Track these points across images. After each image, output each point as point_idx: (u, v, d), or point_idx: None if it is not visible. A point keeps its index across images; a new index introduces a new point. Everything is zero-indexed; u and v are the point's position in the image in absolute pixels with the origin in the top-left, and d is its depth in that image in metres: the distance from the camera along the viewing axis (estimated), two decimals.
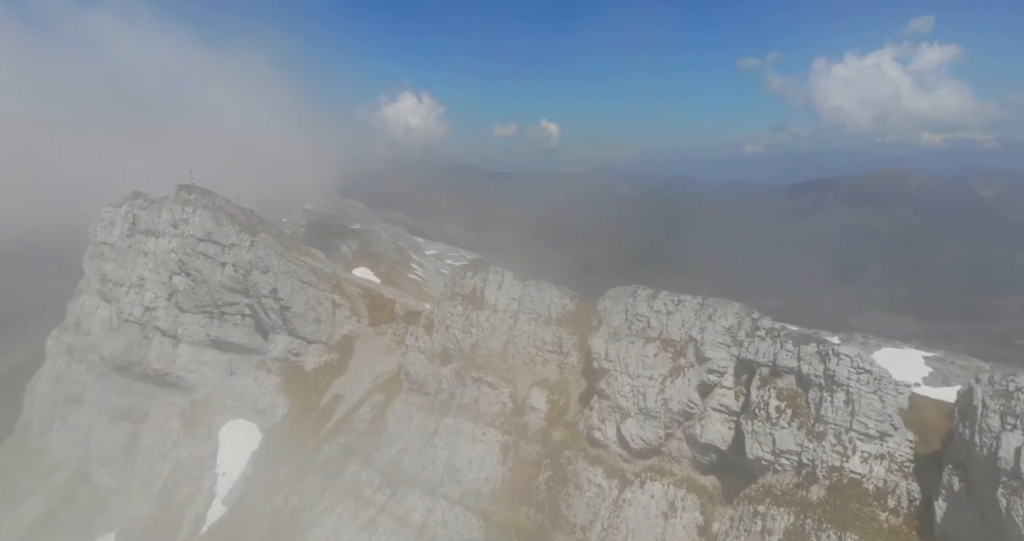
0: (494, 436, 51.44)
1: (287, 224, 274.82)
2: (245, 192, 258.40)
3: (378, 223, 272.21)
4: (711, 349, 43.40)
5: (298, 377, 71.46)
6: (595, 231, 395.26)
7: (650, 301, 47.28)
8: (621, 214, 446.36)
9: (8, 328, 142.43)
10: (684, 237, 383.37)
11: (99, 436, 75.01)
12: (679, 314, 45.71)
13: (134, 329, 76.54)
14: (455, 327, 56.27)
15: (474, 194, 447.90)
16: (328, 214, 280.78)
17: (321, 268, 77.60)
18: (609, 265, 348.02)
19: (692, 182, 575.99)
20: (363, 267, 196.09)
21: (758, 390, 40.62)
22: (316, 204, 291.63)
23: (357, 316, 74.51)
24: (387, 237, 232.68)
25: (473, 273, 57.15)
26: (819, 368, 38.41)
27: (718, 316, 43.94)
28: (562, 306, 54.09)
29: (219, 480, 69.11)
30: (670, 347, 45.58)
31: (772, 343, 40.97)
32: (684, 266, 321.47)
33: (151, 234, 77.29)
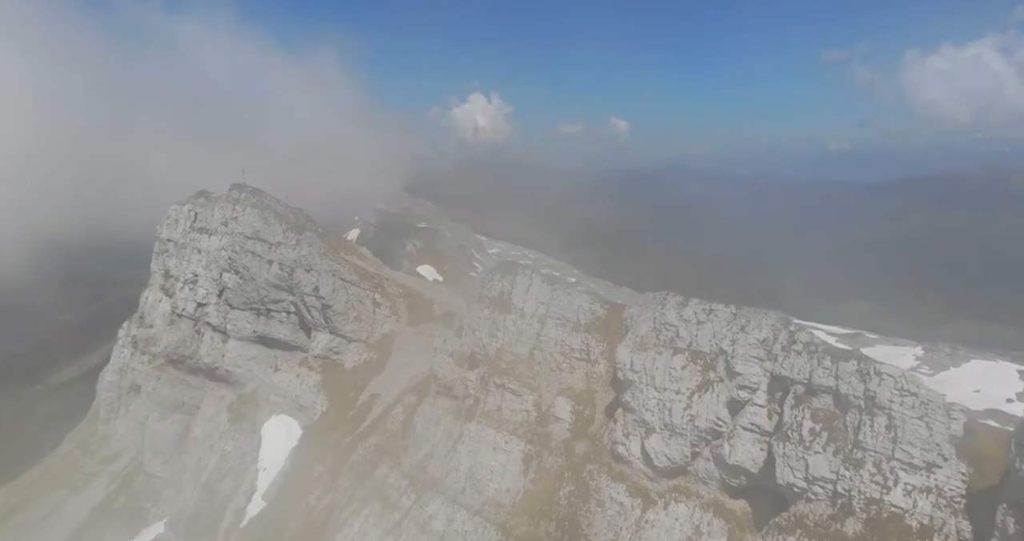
0: (516, 445, 49.68)
1: (358, 222, 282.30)
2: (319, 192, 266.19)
3: (443, 222, 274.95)
4: (742, 363, 40.10)
5: (338, 375, 71.98)
6: (664, 231, 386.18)
7: (679, 309, 44.31)
8: (693, 214, 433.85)
9: (112, 320, 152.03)
10: (761, 238, 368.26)
11: (153, 427, 78.20)
12: (710, 324, 42.58)
13: (187, 324, 79.36)
14: (481, 331, 54.83)
15: (539, 193, 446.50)
16: (397, 213, 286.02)
17: (364, 267, 77.99)
18: (677, 267, 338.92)
19: (770, 180, 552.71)
20: (427, 265, 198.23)
21: (791, 410, 37.19)
22: (387, 203, 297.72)
23: (397, 315, 74.39)
24: (451, 236, 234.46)
25: (501, 276, 55.52)
26: (859, 388, 34.67)
27: (751, 328, 40.56)
28: (591, 312, 51.69)
29: (260, 475, 70.49)
30: (699, 359, 42.54)
31: (808, 359, 37.37)
32: (761, 269, 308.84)
33: (204, 232, 79.89)
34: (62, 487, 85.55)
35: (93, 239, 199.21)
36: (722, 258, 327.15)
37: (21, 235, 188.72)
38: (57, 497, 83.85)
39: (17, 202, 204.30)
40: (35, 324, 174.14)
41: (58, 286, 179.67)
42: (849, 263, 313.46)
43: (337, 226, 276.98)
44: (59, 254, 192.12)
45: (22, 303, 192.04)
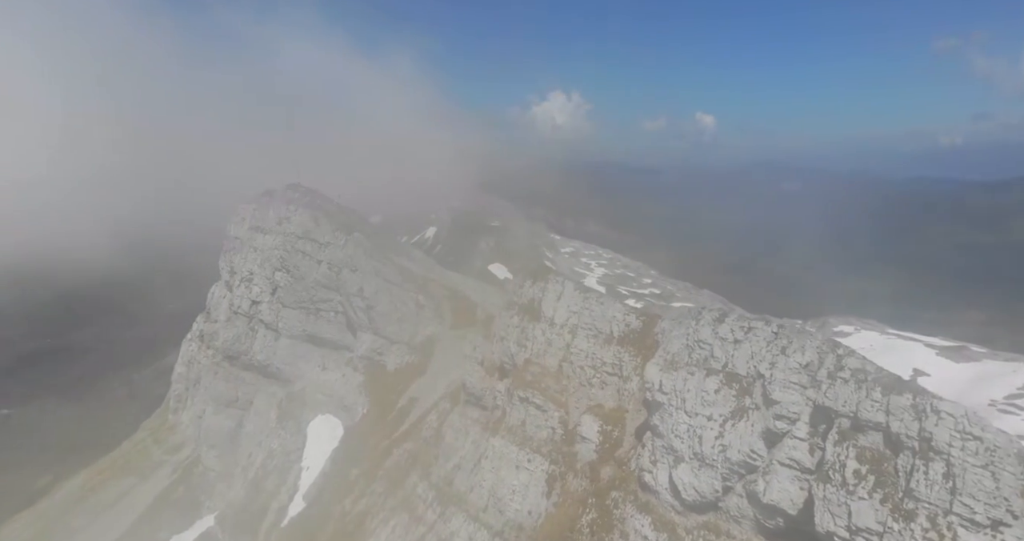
0: (540, 465, 46.72)
1: (435, 220, 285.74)
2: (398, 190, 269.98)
3: (517, 220, 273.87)
4: (780, 389, 35.38)
5: (380, 376, 71.38)
6: (754, 230, 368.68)
7: (715, 326, 39.89)
8: (785, 212, 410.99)
9: None
10: (863, 239, 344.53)
11: (209, 420, 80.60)
12: (747, 344, 37.98)
13: (243, 321, 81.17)
14: (510, 339, 52.12)
15: (617, 191, 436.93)
16: (472, 211, 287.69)
17: (410, 268, 77.06)
18: (765, 267, 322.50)
19: (873, 177, 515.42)
20: (498, 263, 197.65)
21: (835, 447, 32.28)
22: (462, 201, 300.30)
23: (440, 318, 72.99)
24: (522, 234, 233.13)
25: (532, 282, 52.55)
26: (912, 427, 29.49)
27: (793, 349, 35.74)
28: (625, 324, 47.86)
29: (303, 474, 70.97)
30: (734, 383, 38.05)
31: (856, 389, 32.32)
32: (858, 271, 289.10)
33: (260, 231, 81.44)
34: (132, 474, 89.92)
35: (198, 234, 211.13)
36: (816, 258, 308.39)
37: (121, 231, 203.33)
38: (127, 483, 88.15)
39: (114, 200, 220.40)
40: (146, 313, 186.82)
41: (168, 278, 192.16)
42: (958, 267, 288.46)
43: (414, 223, 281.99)
44: (168, 249, 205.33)
45: (131, 295, 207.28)
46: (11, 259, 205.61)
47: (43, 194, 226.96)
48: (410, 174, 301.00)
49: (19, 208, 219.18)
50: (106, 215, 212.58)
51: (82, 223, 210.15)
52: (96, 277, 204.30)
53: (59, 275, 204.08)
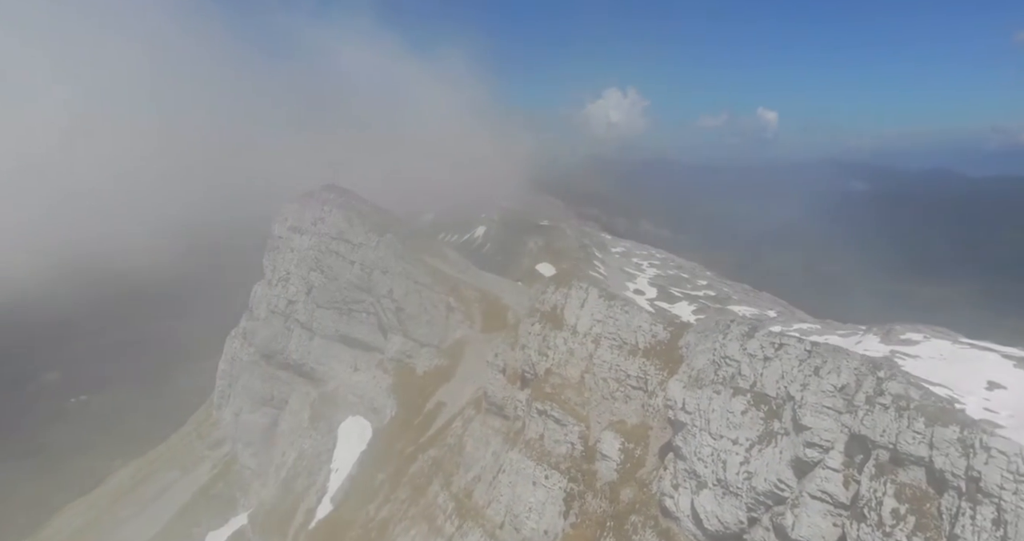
0: (558, 482, 44.39)
1: (484, 219, 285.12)
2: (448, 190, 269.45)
3: (566, 220, 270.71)
4: (812, 414, 32.02)
5: (409, 379, 70.39)
6: (818, 229, 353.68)
7: (744, 341, 36.70)
8: (852, 212, 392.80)
9: None
10: (938, 241, 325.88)
11: (245, 418, 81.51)
12: (778, 362, 34.68)
13: (279, 320, 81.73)
14: (531, 348, 49.91)
15: (673, 189, 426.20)
16: (520, 211, 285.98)
17: (443, 269, 75.76)
18: (829, 269, 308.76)
19: (950, 176, 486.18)
20: (546, 263, 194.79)
21: (871, 481, 28.89)
22: (512, 201, 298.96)
23: (471, 321, 71.39)
24: (571, 234, 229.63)
25: (555, 288, 50.19)
26: (959, 464, 25.92)
27: (827, 370, 32.31)
28: (652, 334, 44.97)
29: (332, 476, 70.66)
30: (763, 404, 34.82)
31: (896, 417, 28.81)
32: (930, 275, 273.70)
33: (297, 231, 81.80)
34: (176, 467, 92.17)
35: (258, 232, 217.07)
36: (885, 261, 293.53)
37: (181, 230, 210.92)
38: (170, 477, 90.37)
39: (172, 200, 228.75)
40: (213, 308, 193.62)
41: (234, 275, 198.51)
42: None
43: (465, 222, 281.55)
44: (230, 247, 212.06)
45: (198, 291, 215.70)
46: (86, 258, 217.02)
47: (104, 195, 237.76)
48: (462, 173, 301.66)
49: (87, 209, 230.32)
50: (166, 215, 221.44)
51: (143, 223, 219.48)
52: (164, 275, 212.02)
53: (130, 273, 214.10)
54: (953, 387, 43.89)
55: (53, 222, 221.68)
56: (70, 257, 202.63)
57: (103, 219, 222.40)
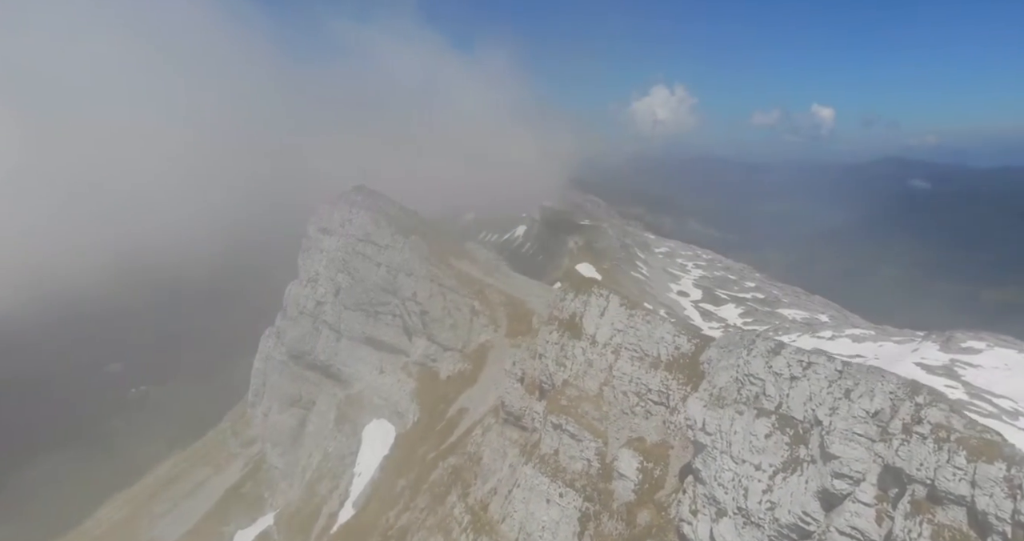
0: (573, 500, 42.14)
1: (525, 219, 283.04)
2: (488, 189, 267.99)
3: (608, 219, 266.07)
4: (841, 442, 29.01)
5: (432, 384, 69.14)
6: (877, 232, 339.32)
7: (769, 358, 33.76)
8: (913, 212, 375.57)
9: None
10: (1005, 243, 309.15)
11: (274, 418, 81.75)
12: (806, 382, 31.71)
13: (308, 320, 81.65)
14: (549, 357, 47.74)
15: (722, 188, 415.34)
16: (562, 210, 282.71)
17: (469, 272, 74.18)
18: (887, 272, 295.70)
19: (1018, 174, 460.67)
20: (586, 263, 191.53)
21: (906, 520, 25.91)
22: (553, 200, 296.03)
23: (496, 325, 69.59)
24: (613, 233, 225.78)
25: (574, 294, 47.84)
26: (1005, 507, 22.85)
27: (860, 393, 29.25)
28: (675, 346, 42.22)
29: (355, 480, 69.99)
30: (789, 428, 31.90)
31: (935, 449, 25.73)
32: (1003, 281, 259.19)
33: (326, 232, 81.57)
34: (209, 464, 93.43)
35: None
36: (947, 263, 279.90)
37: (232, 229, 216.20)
38: (203, 473, 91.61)
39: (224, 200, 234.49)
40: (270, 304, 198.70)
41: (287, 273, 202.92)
42: None
43: (505, 222, 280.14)
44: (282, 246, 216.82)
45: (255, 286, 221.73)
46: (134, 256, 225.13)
47: (150, 194, 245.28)
48: (504, 173, 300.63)
49: (133, 208, 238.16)
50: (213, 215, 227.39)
51: (190, 222, 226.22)
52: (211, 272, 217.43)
53: (178, 269, 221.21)
54: (1018, 399, 39.59)
55: (101, 221, 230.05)
56: (119, 254, 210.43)
57: (149, 218, 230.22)
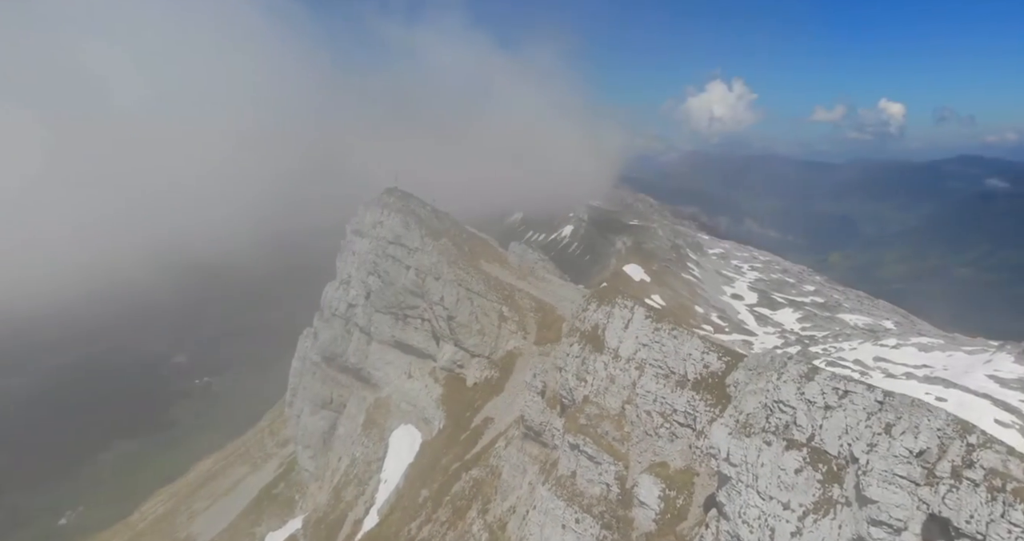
0: (590, 527, 39.35)
1: (572, 219, 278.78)
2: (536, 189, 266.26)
3: (659, 219, 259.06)
4: (880, 484, 25.45)
5: (458, 391, 67.20)
6: (949, 233, 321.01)
7: (802, 383, 30.24)
8: (992, 213, 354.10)
9: None
10: None
11: (305, 420, 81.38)
12: (842, 413, 28.13)
13: (340, 322, 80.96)
14: (569, 371, 44.98)
15: (783, 187, 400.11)
16: (610, 210, 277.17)
17: (499, 277, 71.80)
18: (961, 276, 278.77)
19: None
20: (634, 264, 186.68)
21: None
22: (602, 199, 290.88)
23: (524, 331, 67.06)
24: (663, 234, 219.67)
25: (597, 304, 44.88)
26: None
27: (902, 429, 25.61)
28: (704, 364, 38.87)
29: (380, 487, 68.73)
30: (821, 463, 28.41)
31: (989, 500, 22.07)
32: None
33: (359, 234, 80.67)
34: (247, 463, 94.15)
35: None
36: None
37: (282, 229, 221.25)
38: (241, 472, 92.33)
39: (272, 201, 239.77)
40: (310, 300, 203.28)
41: None
42: None
43: (552, 221, 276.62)
44: None
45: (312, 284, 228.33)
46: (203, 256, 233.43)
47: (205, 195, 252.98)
48: (552, 171, 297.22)
49: (188, 209, 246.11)
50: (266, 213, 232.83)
51: (243, 219, 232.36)
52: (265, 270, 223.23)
53: (244, 268, 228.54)
54: None
55: (149, 219, 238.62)
56: (169, 251, 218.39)
57: (198, 216, 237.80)
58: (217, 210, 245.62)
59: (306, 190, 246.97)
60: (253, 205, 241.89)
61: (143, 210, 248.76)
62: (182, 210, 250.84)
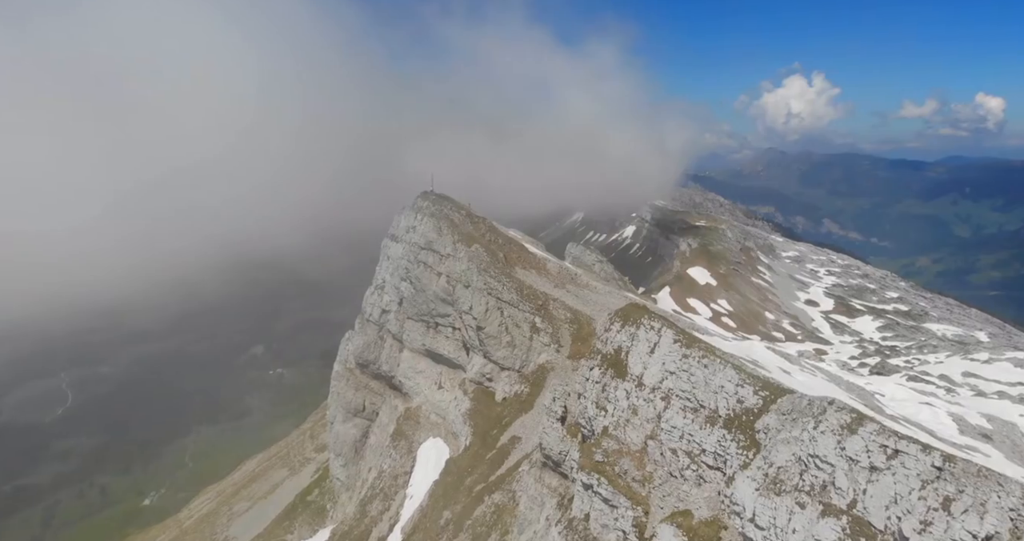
0: None
1: (635, 219, 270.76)
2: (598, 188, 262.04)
3: (727, 220, 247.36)
4: None
5: (486, 406, 63.46)
6: None
7: (843, 436, 24.95)
8: None
9: None
10: None
11: (337, 428, 79.63)
12: (890, 477, 22.79)
13: (373, 329, 78.82)
14: (588, 398, 40.48)
15: (867, 186, 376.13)
16: (676, 209, 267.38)
17: (534, 285, 67.44)
18: None
19: None
20: (699, 267, 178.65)
21: None
22: (667, 199, 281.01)
23: (558, 344, 62.55)
24: (732, 235, 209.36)
25: (621, 324, 40.08)
26: None
27: (965, 506, 20.27)
28: (738, 398, 33.66)
29: (406, 503, 65.94)
30: (863, 537, 23.11)
31: None
32: None
33: (393, 239, 78.30)
34: (287, 466, 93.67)
35: None
36: None
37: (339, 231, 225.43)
38: (280, 475, 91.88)
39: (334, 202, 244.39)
40: None
41: None
42: None
43: (614, 222, 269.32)
44: None
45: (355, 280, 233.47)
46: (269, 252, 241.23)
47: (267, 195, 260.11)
48: (616, 170, 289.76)
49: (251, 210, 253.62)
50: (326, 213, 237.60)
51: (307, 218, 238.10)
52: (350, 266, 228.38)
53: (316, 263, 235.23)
54: None
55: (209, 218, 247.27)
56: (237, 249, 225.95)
57: (265, 216, 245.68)
58: (279, 208, 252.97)
59: (370, 187, 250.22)
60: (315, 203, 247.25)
61: (203, 209, 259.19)
62: (247, 208, 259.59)
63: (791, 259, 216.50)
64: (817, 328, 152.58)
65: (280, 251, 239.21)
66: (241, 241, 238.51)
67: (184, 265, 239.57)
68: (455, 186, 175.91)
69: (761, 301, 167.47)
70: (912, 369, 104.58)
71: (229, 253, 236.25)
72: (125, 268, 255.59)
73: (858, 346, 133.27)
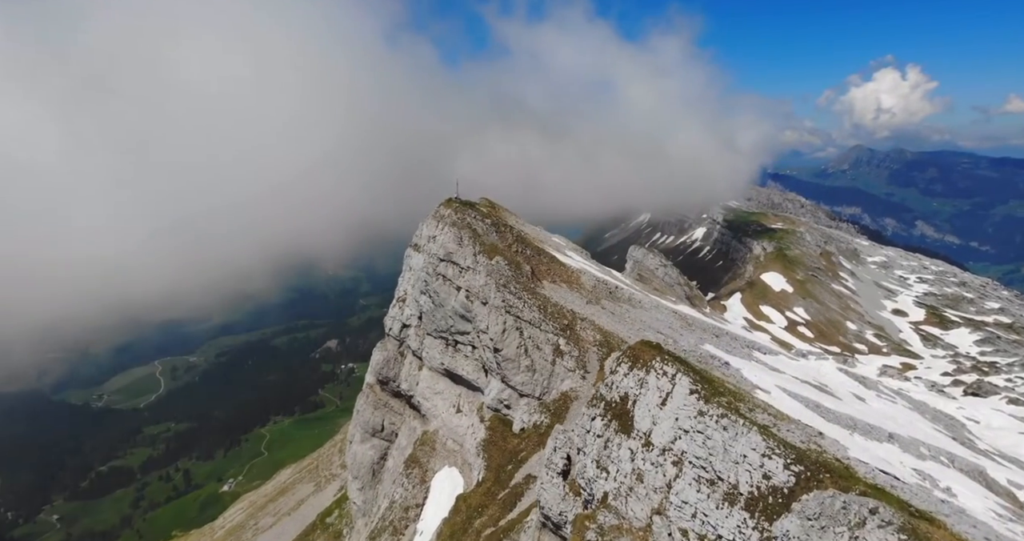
0: None
1: (706, 220, 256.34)
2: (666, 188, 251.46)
3: (807, 222, 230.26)
4: None
5: (502, 437, 56.73)
6: None
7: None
8: None
9: None
10: None
11: (355, 448, 74.83)
12: None
13: (393, 344, 73.63)
14: (589, 454, 33.15)
15: (966, 186, 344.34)
16: (750, 210, 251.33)
17: (562, 303, 60.05)
18: None
19: None
20: (774, 272, 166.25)
21: None
22: (742, 199, 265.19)
23: (584, 370, 55.05)
24: (811, 239, 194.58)
25: (629, 366, 32.44)
26: None
27: None
28: (763, 472, 25.73)
29: (416, 539, 60.01)
30: None
31: None
32: None
33: (416, 249, 72.86)
34: (314, 481, 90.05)
35: None
36: None
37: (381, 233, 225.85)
38: (306, 490, 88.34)
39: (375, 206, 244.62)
40: None
41: None
42: None
43: (683, 223, 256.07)
44: None
45: None
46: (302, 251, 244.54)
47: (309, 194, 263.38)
48: (685, 169, 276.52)
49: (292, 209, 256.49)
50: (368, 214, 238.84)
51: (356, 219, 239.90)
52: None
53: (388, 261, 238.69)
54: None
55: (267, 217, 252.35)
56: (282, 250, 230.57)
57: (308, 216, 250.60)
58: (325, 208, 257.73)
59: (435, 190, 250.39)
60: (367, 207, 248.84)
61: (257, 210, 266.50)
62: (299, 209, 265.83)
63: (877, 265, 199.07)
64: (905, 340, 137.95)
65: (345, 252, 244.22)
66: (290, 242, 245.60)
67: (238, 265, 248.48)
68: (508, 187, 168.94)
69: (842, 310, 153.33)
70: (1014, 390, 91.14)
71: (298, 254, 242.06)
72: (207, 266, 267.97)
73: (952, 362, 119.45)
